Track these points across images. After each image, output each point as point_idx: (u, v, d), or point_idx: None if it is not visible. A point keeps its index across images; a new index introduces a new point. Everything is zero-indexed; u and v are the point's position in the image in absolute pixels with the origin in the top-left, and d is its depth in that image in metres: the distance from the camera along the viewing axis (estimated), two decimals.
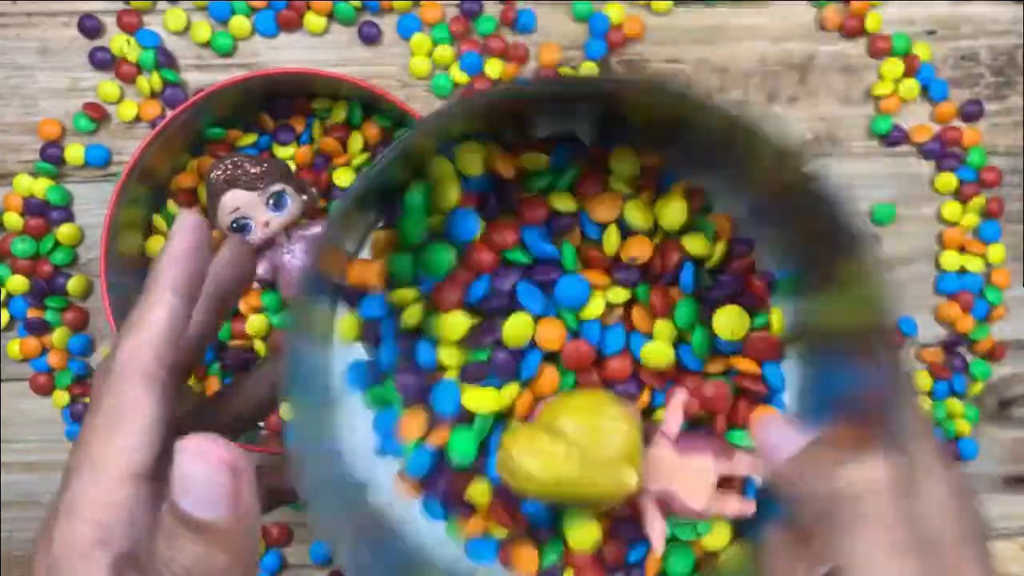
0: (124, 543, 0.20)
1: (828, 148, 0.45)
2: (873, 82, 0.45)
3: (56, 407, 0.43)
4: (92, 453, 0.20)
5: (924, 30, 0.45)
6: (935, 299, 0.46)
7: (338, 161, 0.42)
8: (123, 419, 0.21)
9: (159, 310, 0.22)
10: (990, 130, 0.45)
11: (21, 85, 0.43)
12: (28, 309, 0.43)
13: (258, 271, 0.39)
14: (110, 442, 0.20)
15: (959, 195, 0.45)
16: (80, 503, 0.20)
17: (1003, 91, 0.45)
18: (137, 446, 0.20)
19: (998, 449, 0.47)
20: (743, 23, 0.44)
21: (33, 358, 0.43)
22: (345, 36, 0.43)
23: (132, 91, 0.43)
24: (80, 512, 0.20)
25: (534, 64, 0.44)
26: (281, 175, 0.38)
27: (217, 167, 0.37)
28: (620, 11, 0.43)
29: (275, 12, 0.42)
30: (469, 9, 0.43)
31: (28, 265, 0.42)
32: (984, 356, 0.46)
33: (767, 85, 0.44)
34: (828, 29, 0.44)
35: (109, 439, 0.20)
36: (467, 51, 0.43)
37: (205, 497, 0.18)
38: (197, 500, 0.18)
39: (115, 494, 0.20)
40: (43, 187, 0.42)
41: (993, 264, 0.45)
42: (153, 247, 0.41)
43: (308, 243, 0.40)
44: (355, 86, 0.38)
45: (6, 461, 0.44)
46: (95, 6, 0.42)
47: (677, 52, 0.44)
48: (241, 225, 0.38)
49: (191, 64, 0.43)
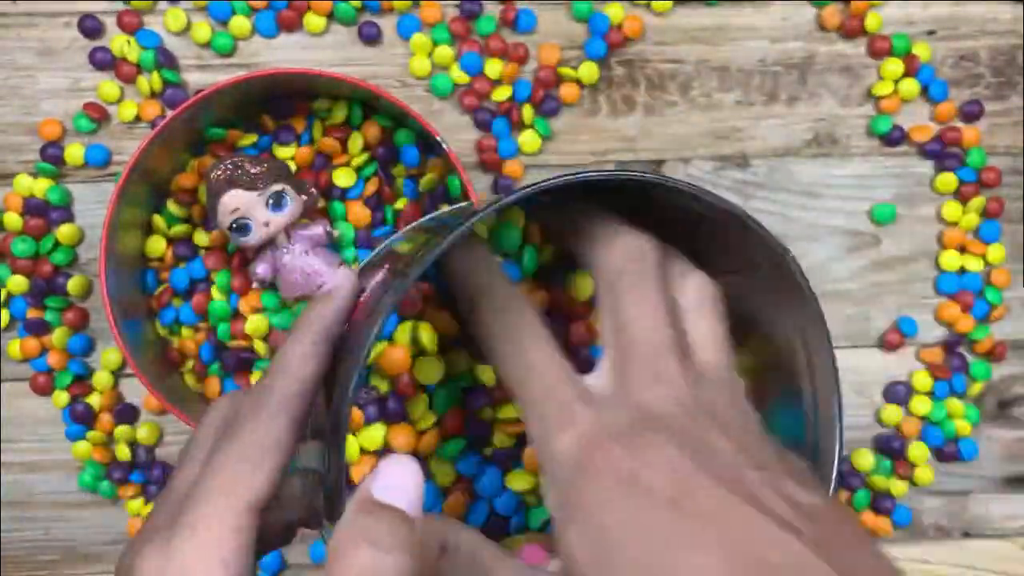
0: (240, 570, 0.21)
1: (828, 148, 0.45)
2: (873, 82, 0.45)
3: (56, 407, 0.43)
4: (225, 479, 0.22)
5: (924, 30, 0.45)
6: (935, 299, 0.46)
7: (338, 161, 0.42)
8: (264, 455, 0.22)
9: (313, 364, 0.24)
10: (990, 130, 0.45)
11: (21, 85, 0.43)
12: (28, 309, 0.43)
13: (258, 271, 0.39)
14: (246, 473, 0.22)
15: (959, 195, 0.45)
16: (206, 524, 0.21)
17: (1003, 91, 0.45)
18: (268, 481, 0.22)
19: (998, 449, 0.47)
20: (743, 23, 0.44)
21: (33, 358, 0.43)
22: (345, 36, 0.43)
23: (132, 91, 0.43)
24: (207, 532, 0.21)
25: (534, 64, 0.44)
26: (281, 175, 0.38)
27: (217, 167, 0.37)
28: (620, 11, 0.43)
29: (275, 12, 0.42)
30: (469, 9, 0.43)
31: (28, 265, 0.42)
32: (984, 356, 0.46)
33: (767, 85, 0.44)
34: (828, 29, 0.44)
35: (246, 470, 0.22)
36: (467, 51, 0.43)
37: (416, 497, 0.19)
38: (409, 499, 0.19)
39: (241, 520, 0.21)
40: (43, 187, 0.42)
41: (993, 264, 0.45)
42: (153, 247, 0.41)
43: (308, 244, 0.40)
44: (355, 86, 0.38)
45: (6, 461, 0.44)
46: (95, 6, 0.42)
47: (677, 52, 0.44)
48: (241, 225, 0.38)
49: (191, 64, 0.43)
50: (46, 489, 0.44)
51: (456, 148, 0.43)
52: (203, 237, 0.42)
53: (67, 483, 0.44)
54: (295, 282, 0.39)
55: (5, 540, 0.44)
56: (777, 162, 0.45)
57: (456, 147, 0.43)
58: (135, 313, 0.41)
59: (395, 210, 0.42)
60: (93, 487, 0.44)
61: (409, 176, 0.42)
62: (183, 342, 0.42)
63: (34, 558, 0.44)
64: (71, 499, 0.44)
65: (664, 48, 0.44)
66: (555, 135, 0.44)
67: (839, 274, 0.45)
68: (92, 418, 0.43)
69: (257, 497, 0.22)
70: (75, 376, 0.43)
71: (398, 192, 0.42)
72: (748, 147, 0.45)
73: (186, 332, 0.42)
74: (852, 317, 0.46)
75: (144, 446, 0.43)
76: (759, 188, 0.45)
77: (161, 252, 0.42)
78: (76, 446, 0.43)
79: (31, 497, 0.44)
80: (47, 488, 0.44)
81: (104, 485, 0.43)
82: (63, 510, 0.44)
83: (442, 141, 0.38)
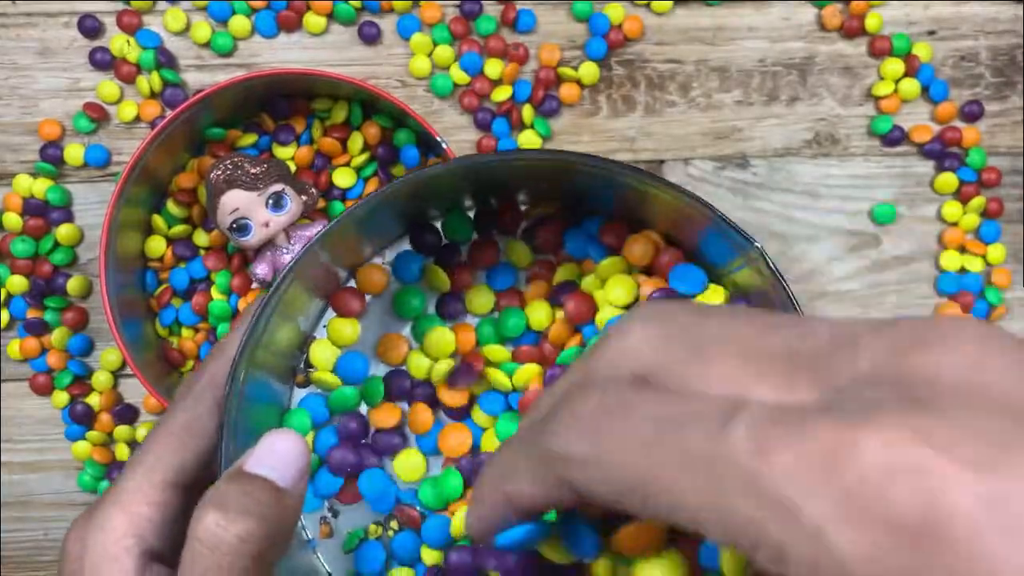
0: (156, 541, 0.21)
1: (828, 148, 0.45)
2: (873, 82, 0.45)
3: (56, 407, 0.43)
4: (149, 455, 0.22)
5: (924, 30, 0.45)
6: (935, 299, 0.46)
7: (338, 161, 0.42)
8: (188, 433, 0.23)
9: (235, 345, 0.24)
10: (990, 130, 0.45)
11: (21, 85, 0.43)
12: (28, 309, 0.42)
13: (257, 271, 0.39)
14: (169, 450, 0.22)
15: (959, 195, 0.45)
16: (126, 496, 0.22)
17: (1003, 91, 0.45)
18: (191, 459, 0.23)
19: None
20: (743, 23, 0.44)
21: (33, 358, 0.43)
22: (345, 36, 0.43)
23: (132, 91, 0.43)
24: (124, 503, 0.21)
25: (534, 64, 0.44)
26: (281, 175, 0.38)
27: (217, 167, 0.37)
28: (620, 11, 0.43)
29: (275, 12, 0.42)
30: (469, 9, 0.43)
31: (28, 265, 0.42)
32: None
33: (767, 85, 0.44)
34: (828, 29, 0.44)
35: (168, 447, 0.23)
36: (467, 51, 0.43)
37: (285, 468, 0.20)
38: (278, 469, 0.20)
39: (159, 495, 0.22)
40: (43, 187, 0.42)
41: (993, 264, 0.45)
42: (153, 247, 0.41)
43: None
44: (355, 86, 0.38)
45: (6, 461, 0.44)
46: (95, 6, 0.42)
47: (677, 52, 0.44)
48: (241, 225, 0.38)
49: (191, 64, 0.43)
50: (46, 489, 0.44)
51: (456, 148, 0.43)
52: (203, 237, 0.42)
53: (67, 483, 0.44)
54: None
55: (5, 540, 0.44)
56: (777, 162, 0.45)
57: (456, 147, 0.43)
58: (135, 313, 0.41)
59: None
60: (93, 487, 0.44)
61: None
62: (183, 342, 0.42)
63: (34, 558, 0.44)
64: (71, 499, 0.44)
65: (664, 48, 0.44)
66: (555, 135, 0.44)
67: (839, 274, 0.45)
68: (92, 418, 0.43)
69: (177, 475, 0.22)
70: (75, 376, 0.43)
71: None
72: (748, 147, 0.45)
73: (186, 332, 0.42)
74: (852, 317, 0.45)
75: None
76: (759, 188, 0.45)
77: (161, 252, 0.42)
78: (76, 446, 0.43)
79: (31, 497, 0.44)
80: (47, 488, 0.44)
81: (104, 485, 0.43)
82: (63, 510, 0.44)
83: (442, 141, 0.38)
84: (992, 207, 0.45)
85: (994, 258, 0.45)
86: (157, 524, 0.22)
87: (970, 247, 0.45)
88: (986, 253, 0.45)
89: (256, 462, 0.20)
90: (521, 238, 0.30)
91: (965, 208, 0.45)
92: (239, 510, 0.19)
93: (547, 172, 0.27)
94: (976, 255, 0.45)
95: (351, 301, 0.29)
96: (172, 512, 0.22)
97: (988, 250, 0.45)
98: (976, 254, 0.45)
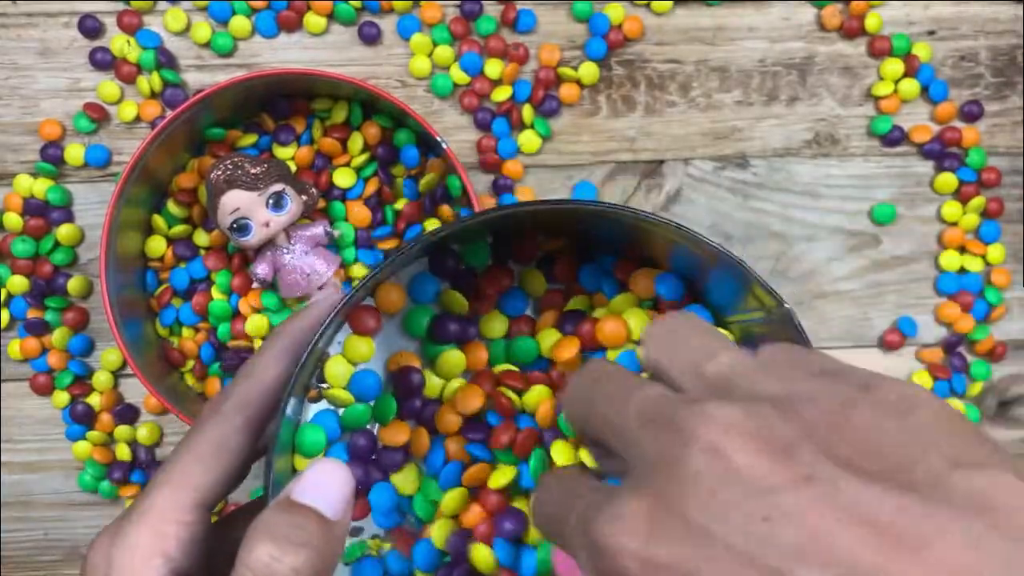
0: (183, 560, 0.21)
1: (828, 148, 0.45)
2: (873, 82, 0.45)
3: (56, 407, 0.43)
4: (176, 473, 0.22)
5: (924, 30, 0.45)
6: (935, 299, 0.46)
7: (338, 161, 0.42)
8: (216, 453, 0.23)
9: (276, 369, 0.24)
10: (990, 130, 0.45)
11: (21, 85, 0.43)
12: (28, 309, 0.43)
13: (257, 271, 0.39)
14: (196, 470, 0.22)
15: (959, 195, 0.45)
16: (154, 513, 0.21)
17: (1003, 91, 0.45)
18: (218, 480, 0.22)
19: None
20: (743, 23, 0.44)
21: (33, 358, 0.43)
22: (345, 36, 0.43)
23: (132, 91, 0.43)
24: (151, 521, 0.21)
25: (534, 64, 0.44)
26: (281, 175, 0.38)
27: (217, 167, 0.37)
28: (620, 11, 0.43)
29: (275, 12, 0.42)
30: (469, 9, 0.43)
31: (28, 265, 0.42)
32: (984, 356, 0.46)
33: (767, 85, 0.44)
34: (828, 29, 0.44)
35: (196, 466, 0.22)
36: (467, 51, 0.43)
37: (333, 499, 0.20)
38: (327, 500, 0.20)
39: (187, 514, 0.22)
40: (43, 187, 0.42)
41: (993, 264, 0.45)
42: (153, 247, 0.41)
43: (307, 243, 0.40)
44: (355, 86, 0.38)
45: (6, 461, 0.44)
46: (95, 6, 0.42)
47: (677, 52, 0.44)
48: (241, 225, 0.38)
49: (191, 64, 0.43)
50: (46, 489, 0.44)
51: (456, 148, 0.43)
52: (203, 237, 0.42)
53: (67, 483, 0.44)
54: (295, 282, 0.39)
55: (5, 540, 0.44)
56: (777, 162, 0.45)
57: (456, 147, 0.43)
58: (135, 313, 0.41)
59: (395, 210, 0.42)
60: (93, 487, 0.44)
61: (409, 176, 0.42)
62: (183, 342, 0.42)
63: (34, 559, 0.44)
64: (71, 499, 0.44)
65: (664, 48, 0.44)
66: (555, 135, 0.44)
67: (839, 274, 0.45)
68: (92, 418, 0.43)
69: (204, 494, 0.22)
70: (75, 376, 0.43)
71: (398, 192, 0.42)
72: (748, 147, 0.45)
73: (186, 332, 0.42)
74: (852, 317, 0.46)
75: (144, 446, 0.43)
76: (759, 188, 0.45)
77: (161, 252, 0.42)
78: (76, 446, 0.43)
79: (31, 497, 0.44)
80: (47, 488, 0.44)
81: (104, 485, 0.43)
82: (63, 510, 0.44)
83: (442, 141, 0.38)
84: (992, 207, 0.45)
85: (994, 258, 0.45)
86: (184, 543, 0.21)
87: (970, 247, 0.45)
88: (986, 253, 0.45)
89: (303, 492, 0.20)
90: (537, 267, 0.31)
91: (965, 208, 0.45)
92: (292, 542, 0.19)
93: (566, 216, 0.28)
94: (976, 255, 0.45)
95: (368, 319, 0.29)
96: (199, 531, 0.22)
97: (988, 250, 0.45)
98: (976, 254, 0.45)
